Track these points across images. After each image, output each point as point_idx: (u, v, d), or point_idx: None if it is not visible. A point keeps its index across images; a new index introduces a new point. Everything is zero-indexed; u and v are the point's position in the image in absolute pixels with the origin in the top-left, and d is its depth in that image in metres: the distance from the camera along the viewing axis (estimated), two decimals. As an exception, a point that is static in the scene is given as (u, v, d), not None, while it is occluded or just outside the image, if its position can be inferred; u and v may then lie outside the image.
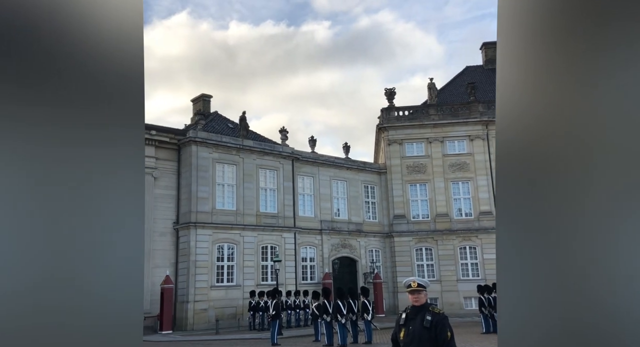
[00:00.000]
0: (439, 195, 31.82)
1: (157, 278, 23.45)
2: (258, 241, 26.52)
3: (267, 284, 25.35)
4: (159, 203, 24.89)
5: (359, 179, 32.21)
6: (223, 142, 26.35)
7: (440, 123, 32.55)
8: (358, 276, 30.34)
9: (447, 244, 30.97)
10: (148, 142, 24.99)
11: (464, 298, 29.80)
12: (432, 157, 32.39)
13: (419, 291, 4.48)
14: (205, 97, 31.60)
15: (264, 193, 27.60)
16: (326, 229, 29.69)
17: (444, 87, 36.81)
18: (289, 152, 28.89)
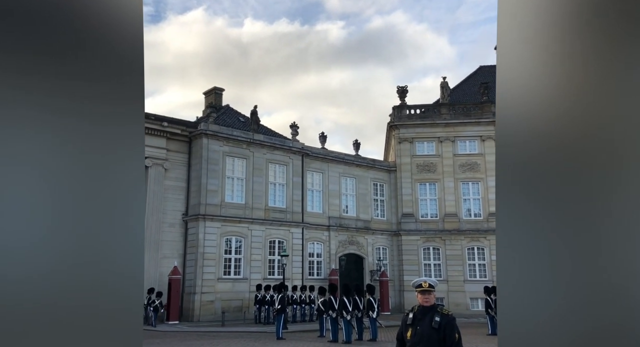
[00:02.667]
0: (449, 195, 31.66)
1: (165, 269, 23.66)
2: (266, 235, 26.62)
3: (273, 278, 25.46)
4: (169, 194, 25.07)
5: (368, 177, 32.15)
6: (234, 136, 26.45)
7: (452, 122, 32.34)
8: (364, 273, 30.34)
9: (455, 244, 30.84)
10: (159, 133, 25.16)
11: (471, 299, 29.68)
12: (442, 156, 32.21)
13: (429, 292, 4.46)
14: (217, 91, 31.69)
15: (273, 188, 27.67)
16: (334, 225, 29.71)
17: (457, 86, 36.56)
18: (299, 148, 28.91)
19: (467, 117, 32.35)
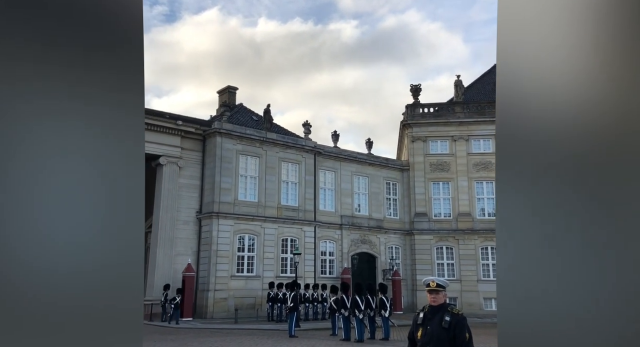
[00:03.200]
0: (462, 194, 31.42)
1: (179, 266, 23.89)
2: (278, 233, 26.72)
3: (286, 276, 25.55)
4: (183, 192, 25.29)
5: (380, 175, 32.05)
6: (247, 134, 26.58)
7: (466, 121, 32.07)
8: (377, 272, 30.28)
9: (468, 244, 30.61)
10: (174, 132, 25.39)
11: (484, 299, 29.44)
12: (456, 155, 31.96)
13: (437, 291, 4.44)
14: (231, 89, 31.87)
15: (286, 186, 27.75)
16: (346, 224, 29.69)
17: (471, 84, 36.21)
18: (311, 146, 28.94)
19: (482, 115, 32.04)
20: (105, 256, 0.81)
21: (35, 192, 0.76)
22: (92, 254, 0.80)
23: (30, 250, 0.75)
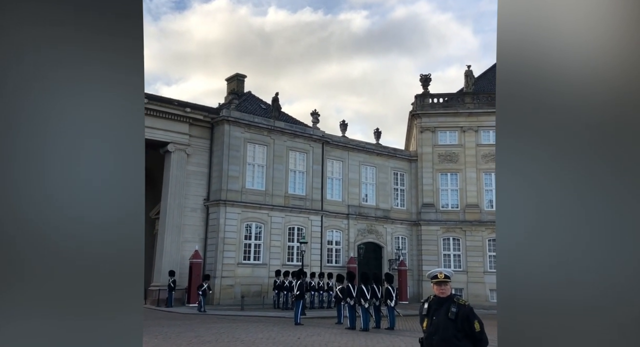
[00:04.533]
0: (470, 185, 31.27)
1: (187, 252, 24.08)
2: (285, 221, 26.80)
3: (292, 265, 25.68)
4: (190, 179, 25.40)
5: (388, 166, 31.96)
6: (255, 123, 26.56)
7: (476, 112, 31.78)
8: (383, 262, 30.35)
9: (475, 235, 30.53)
10: (182, 119, 25.42)
11: (490, 291, 29.42)
12: (465, 146, 31.75)
13: (445, 283, 4.42)
14: (239, 77, 31.78)
15: (293, 175, 27.76)
16: (353, 213, 29.71)
17: (482, 75, 35.82)
18: (319, 136, 28.87)
19: (492, 106, 31.69)
20: (107, 208, 0.81)
21: (42, 142, 0.76)
22: (94, 209, 0.79)
23: (34, 204, 0.75)
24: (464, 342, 4.19)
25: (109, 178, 0.82)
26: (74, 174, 0.79)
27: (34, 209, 0.75)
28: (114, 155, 0.82)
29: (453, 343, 4.17)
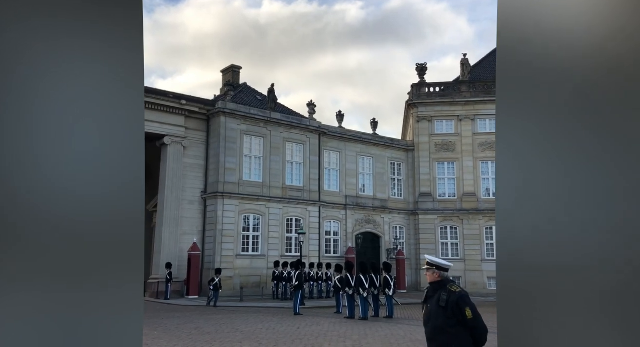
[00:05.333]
0: (467, 174, 31.33)
1: (185, 245, 24.12)
2: (283, 213, 26.84)
3: (291, 256, 25.77)
4: (187, 172, 25.36)
5: (385, 156, 31.97)
6: (251, 114, 26.46)
7: (472, 101, 31.74)
8: (381, 252, 30.48)
9: (473, 224, 30.67)
10: (178, 111, 25.30)
11: (488, 278, 29.64)
12: (461, 135, 31.76)
13: (428, 269, 4.37)
14: (234, 68, 31.60)
15: (290, 166, 27.74)
16: (351, 204, 29.76)
17: (478, 63, 35.71)
18: (316, 127, 28.81)
19: (488, 95, 31.68)
20: (106, 166, 0.81)
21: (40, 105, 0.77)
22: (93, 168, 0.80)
23: (36, 202, 0.76)
24: (457, 329, 4.02)
25: (108, 165, 0.82)
26: (72, 163, 0.79)
27: (37, 205, 0.76)
28: (114, 145, 0.82)
29: (445, 331, 4.04)
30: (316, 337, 11.44)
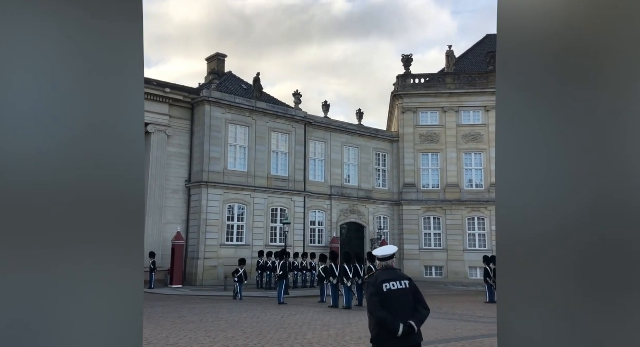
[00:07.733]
0: (451, 165, 31.65)
1: (169, 234, 23.97)
2: (268, 203, 26.81)
3: (275, 245, 25.81)
4: (172, 161, 25.11)
5: (370, 147, 32.07)
6: (236, 103, 26.24)
7: (457, 92, 31.96)
8: (365, 242, 30.72)
9: (455, 214, 31.06)
10: (162, 99, 24.96)
11: (470, 268, 30.14)
12: (446, 127, 32.01)
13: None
14: (220, 57, 31.22)
15: (276, 156, 27.66)
16: (336, 194, 29.86)
17: (463, 55, 35.91)
18: (301, 117, 28.72)
19: (472, 87, 31.94)
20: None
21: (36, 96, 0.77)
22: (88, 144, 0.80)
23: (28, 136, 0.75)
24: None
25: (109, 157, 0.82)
26: (67, 150, 0.79)
27: (35, 199, 0.76)
28: (115, 138, 0.82)
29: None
30: (300, 326, 11.53)
